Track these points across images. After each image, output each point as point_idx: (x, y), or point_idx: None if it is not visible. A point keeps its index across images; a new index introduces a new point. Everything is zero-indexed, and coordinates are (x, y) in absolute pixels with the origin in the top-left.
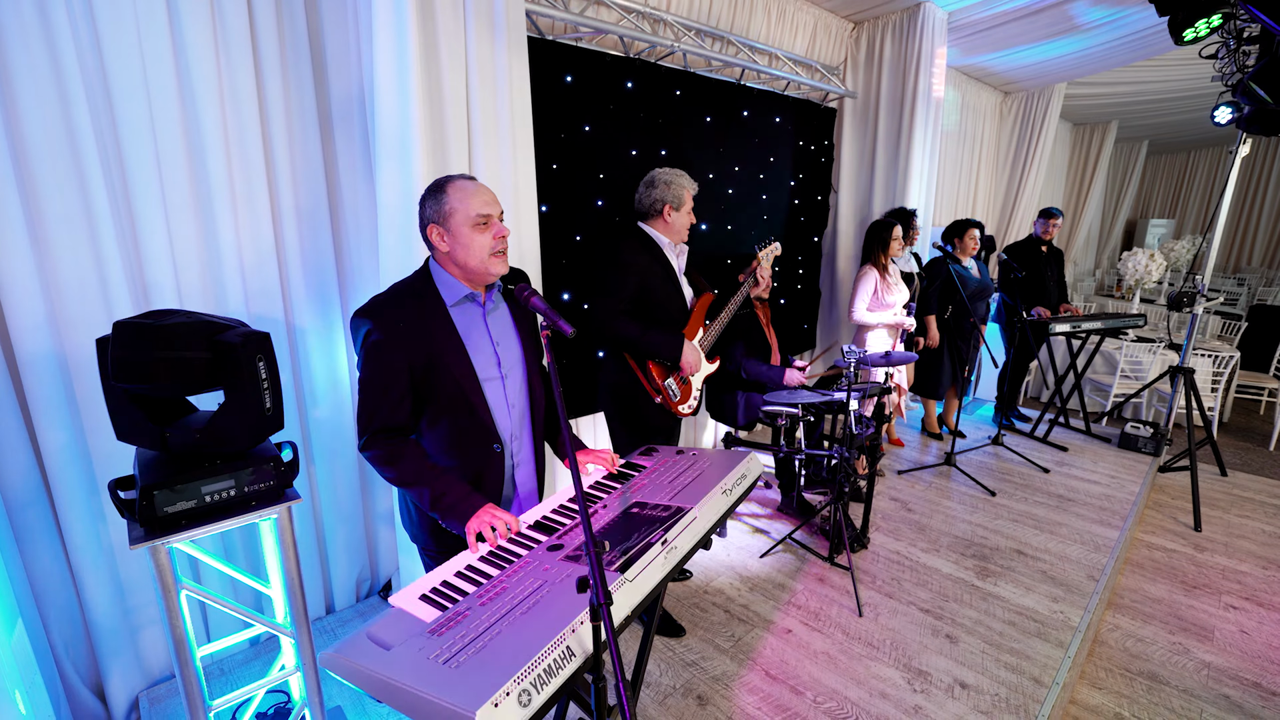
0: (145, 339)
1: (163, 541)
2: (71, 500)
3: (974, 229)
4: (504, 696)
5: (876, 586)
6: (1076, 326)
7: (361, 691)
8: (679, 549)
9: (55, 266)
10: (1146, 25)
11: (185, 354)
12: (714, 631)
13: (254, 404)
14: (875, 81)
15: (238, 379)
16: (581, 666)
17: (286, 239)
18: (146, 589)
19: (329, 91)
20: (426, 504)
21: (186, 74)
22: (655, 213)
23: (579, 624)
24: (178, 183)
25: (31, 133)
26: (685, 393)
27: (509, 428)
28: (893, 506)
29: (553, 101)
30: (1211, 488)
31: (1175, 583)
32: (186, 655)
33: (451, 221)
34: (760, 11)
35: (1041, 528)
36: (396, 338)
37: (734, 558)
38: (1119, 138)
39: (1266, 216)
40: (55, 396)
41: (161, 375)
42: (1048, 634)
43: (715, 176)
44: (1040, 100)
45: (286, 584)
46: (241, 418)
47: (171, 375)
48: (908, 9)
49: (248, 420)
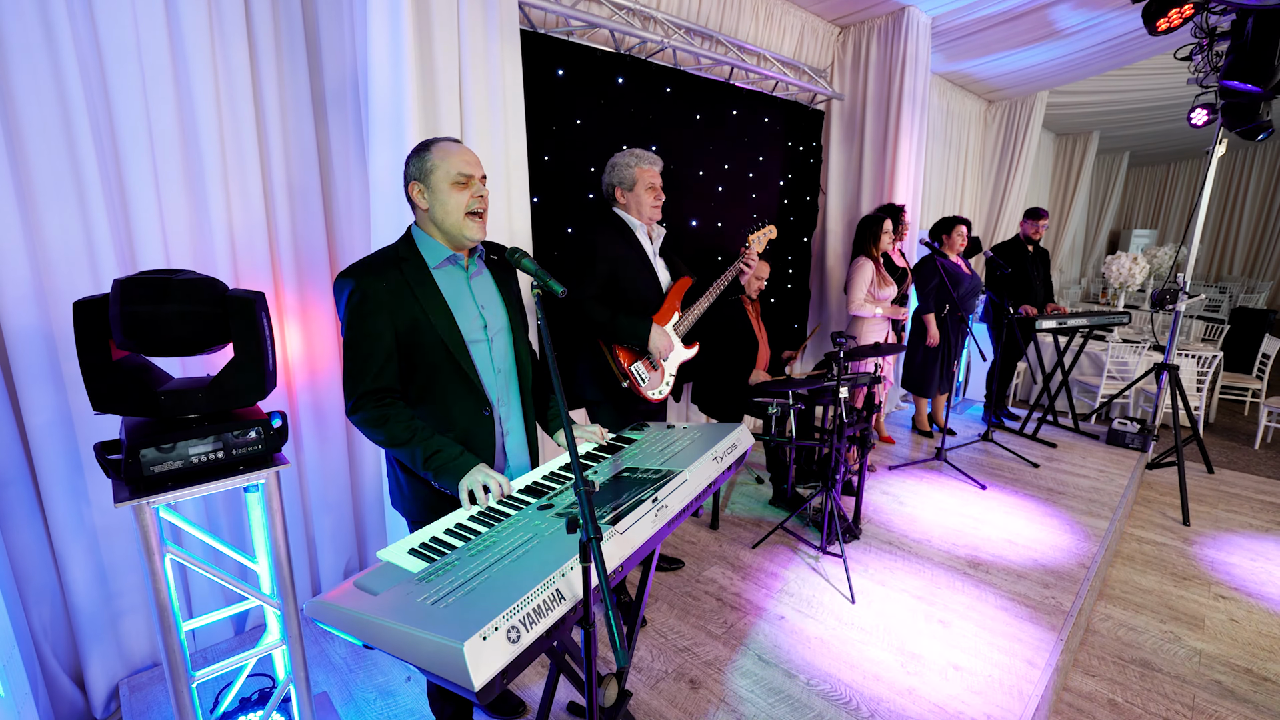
0: (159, 292)
1: (148, 501)
2: (55, 479)
3: (961, 225)
4: (492, 630)
5: (869, 575)
6: (1062, 323)
7: (349, 637)
8: (670, 508)
9: (44, 239)
10: (1125, 30)
11: (198, 308)
12: (706, 618)
13: (261, 359)
14: (862, 84)
15: (249, 333)
16: (571, 611)
17: (278, 217)
18: (130, 573)
19: (323, 74)
20: (419, 463)
21: (181, 52)
22: (611, 197)
23: (569, 569)
24: (170, 158)
25: (24, 105)
26: (655, 378)
27: (496, 392)
28: (885, 499)
29: (545, 94)
30: (1199, 484)
31: (1166, 574)
32: (170, 621)
33: (432, 178)
34: (748, 13)
35: (1032, 519)
36: (380, 298)
37: (725, 549)
38: (1101, 149)
39: (1245, 226)
40: (40, 372)
41: (176, 328)
42: (1040, 618)
43: (705, 174)
44: (1023, 108)
45: (272, 553)
46: (251, 373)
47: (186, 328)
48: (892, 13)
49: (257, 376)
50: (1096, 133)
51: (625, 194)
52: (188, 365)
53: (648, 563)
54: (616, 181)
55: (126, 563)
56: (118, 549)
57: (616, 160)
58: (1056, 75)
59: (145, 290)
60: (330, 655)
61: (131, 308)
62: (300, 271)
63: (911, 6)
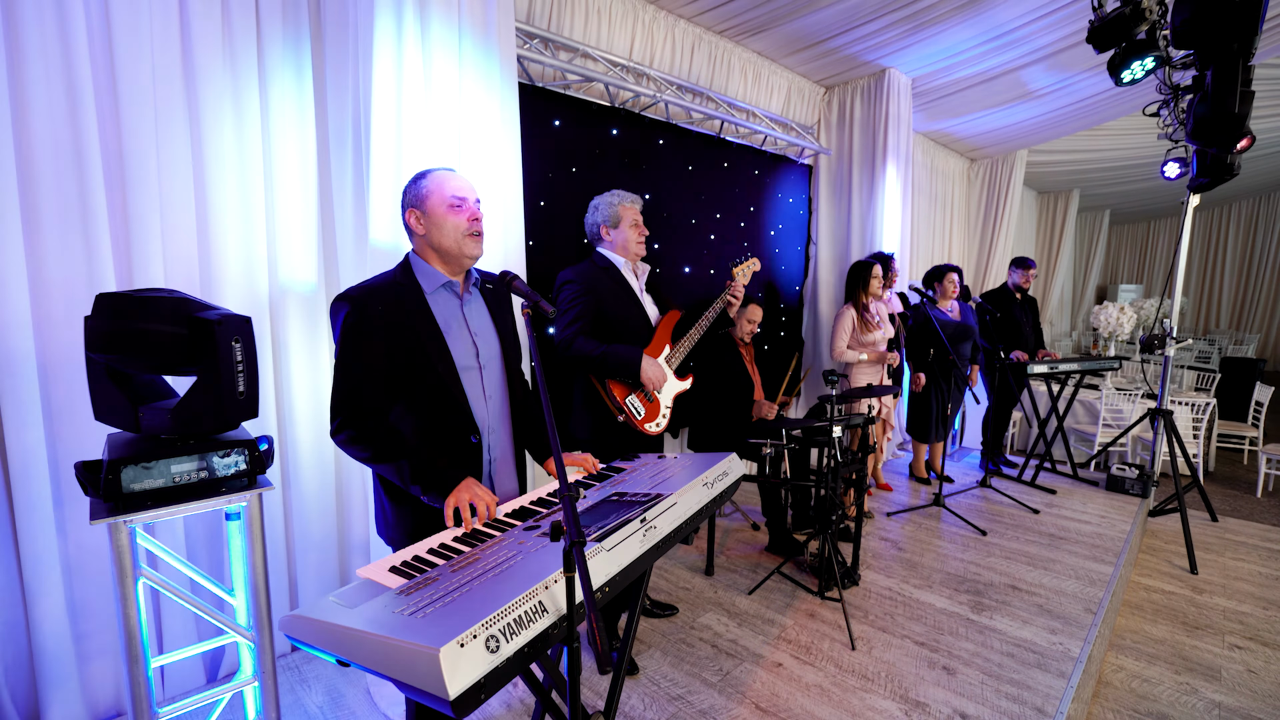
0: (119, 308)
1: (125, 519)
2: (34, 507)
3: (952, 273)
4: (470, 639)
5: (869, 621)
6: (1054, 368)
7: (325, 654)
8: (658, 529)
9: (46, 264)
10: (1095, 91)
11: (156, 327)
12: (701, 665)
13: (226, 386)
14: (848, 140)
15: (212, 359)
16: (554, 624)
17: (278, 251)
18: (101, 612)
19: (327, 118)
20: (407, 477)
21: (194, 91)
22: (598, 236)
23: (553, 581)
24: (177, 191)
25: (39, 135)
26: (651, 411)
27: (486, 420)
28: (883, 546)
29: (542, 143)
30: (1204, 532)
31: (1176, 624)
32: (138, 651)
33: (428, 204)
34: (737, 72)
35: (1035, 564)
36: (374, 320)
37: (721, 595)
38: (1082, 207)
39: (1228, 280)
40: (29, 398)
41: (130, 346)
42: (1048, 664)
43: (697, 222)
44: (1004, 166)
45: (250, 582)
46: (212, 399)
47: (139, 347)
48: (874, 74)
49: (218, 402)
50: (1076, 190)
51: (611, 231)
52: None
53: (636, 592)
54: (602, 220)
55: (99, 601)
56: (90, 585)
57: (599, 201)
58: (1033, 134)
59: (110, 304)
60: (305, 704)
61: (95, 322)
62: (297, 305)
63: (892, 69)
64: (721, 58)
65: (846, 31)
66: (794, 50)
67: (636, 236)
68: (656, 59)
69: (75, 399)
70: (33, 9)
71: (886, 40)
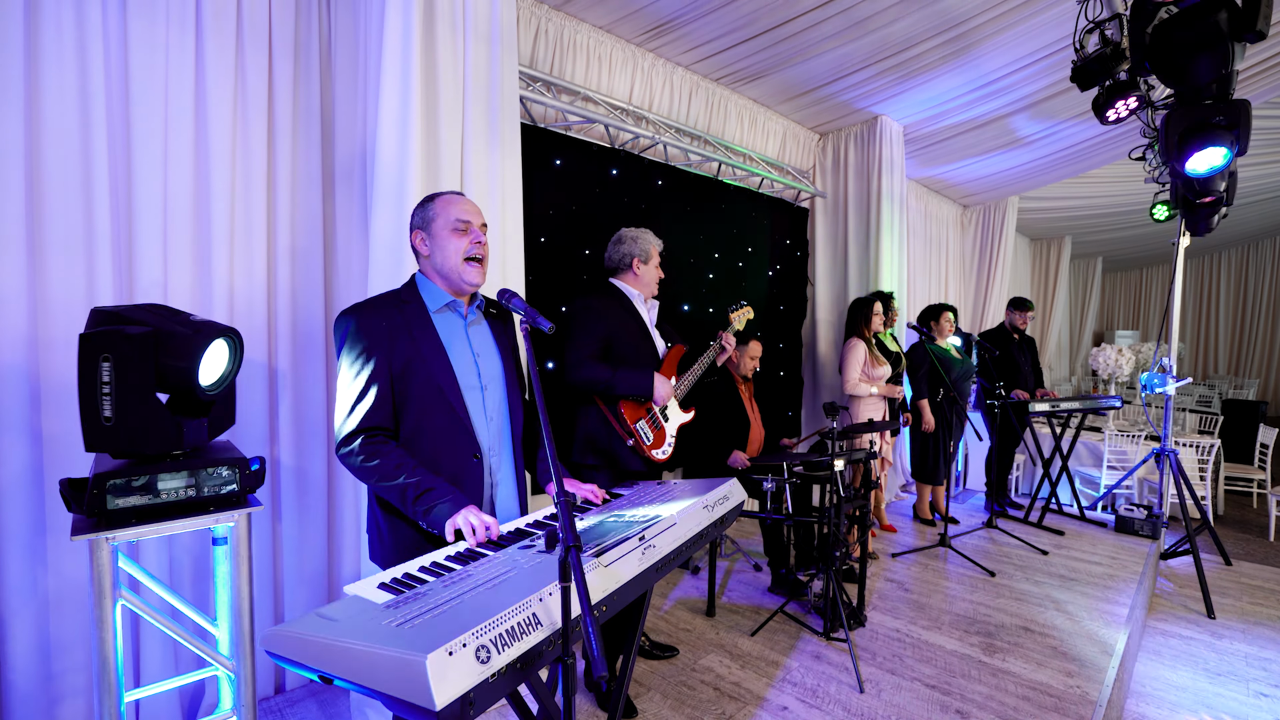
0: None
1: (107, 535)
2: (15, 535)
3: (948, 312)
4: (459, 647)
5: (877, 663)
6: (1055, 406)
7: (307, 673)
8: (658, 548)
9: (48, 283)
10: (1081, 138)
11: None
12: (703, 709)
13: (89, 409)
14: (843, 184)
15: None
16: (549, 639)
17: (279, 282)
18: (77, 651)
19: (334, 151)
20: (409, 502)
21: (204, 122)
22: (625, 267)
23: (548, 594)
24: (181, 218)
25: (50, 153)
26: (659, 438)
27: (487, 440)
28: (889, 587)
29: (543, 181)
30: (1218, 577)
31: (1198, 670)
32: (112, 679)
33: (434, 226)
34: (734, 118)
35: (1046, 606)
36: (378, 337)
37: (723, 636)
38: (1074, 254)
39: (1224, 326)
40: (19, 419)
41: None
42: (1066, 708)
43: (695, 261)
44: (996, 213)
45: (234, 606)
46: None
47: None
48: (866, 121)
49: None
50: (1069, 237)
51: (642, 266)
52: None
53: (634, 626)
54: (637, 253)
55: (75, 639)
56: (67, 622)
57: (635, 234)
58: (1024, 180)
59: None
60: None
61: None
62: (296, 335)
63: (883, 116)
64: (719, 104)
65: (838, 80)
66: (788, 98)
67: (657, 275)
68: (655, 104)
69: (69, 425)
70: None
71: (877, 89)
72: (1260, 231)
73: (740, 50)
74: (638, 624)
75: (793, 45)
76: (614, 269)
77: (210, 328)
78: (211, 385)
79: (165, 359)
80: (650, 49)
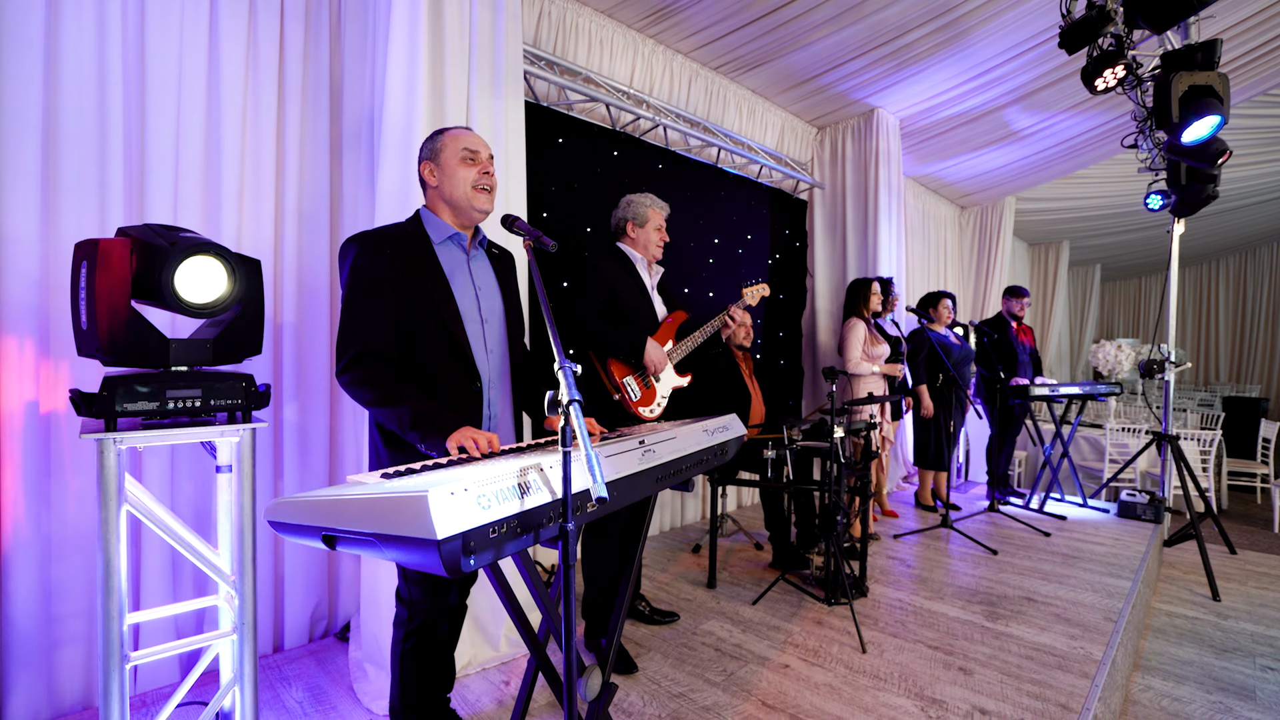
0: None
1: (115, 437)
2: (22, 476)
3: (946, 299)
4: (461, 490)
5: (879, 628)
6: (1055, 390)
7: (308, 540)
8: (657, 454)
9: (60, 234)
10: (1075, 133)
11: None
12: (704, 667)
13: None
14: (841, 176)
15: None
16: (549, 506)
17: (286, 241)
18: (78, 597)
19: (342, 117)
20: (407, 424)
21: (216, 86)
22: (621, 231)
23: (548, 465)
24: (192, 176)
25: (66, 102)
26: (647, 396)
27: (487, 373)
28: (891, 564)
29: (546, 159)
30: (1224, 564)
31: (1204, 646)
32: (115, 582)
33: (442, 156)
34: (733, 107)
35: (1049, 579)
36: (382, 261)
37: (724, 605)
38: (1073, 261)
39: (1223, 333)
40: (30, 360)
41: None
42: (1070, 666)
43: (695, 246)
44: (994, 214)
45: (237, 524)
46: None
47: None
48: (863, 114)
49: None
50: (1066, 242)
51: (636, 229)
52: None
53: (639, 525)
54: (630, 217)
55: (76, 585)
56: (70, 565)
57: (632, 199)
58: (1019, 178)
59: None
60: (285, 700)
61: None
62: (301, 294)
63: (880, 108)
64: (718, 93)
65: (833, 69)
66: (786, 88)
67: (658, 239)
68: (655, 91)
69: (78, 367)
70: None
71: (872, 79)
72: (1258, 237)
73: (737, 37)
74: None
75: (788, 32)
76: (615, 234)
77: (189, 243)
78: (204, 304)
79: (140, 269)
80: (650, 35)
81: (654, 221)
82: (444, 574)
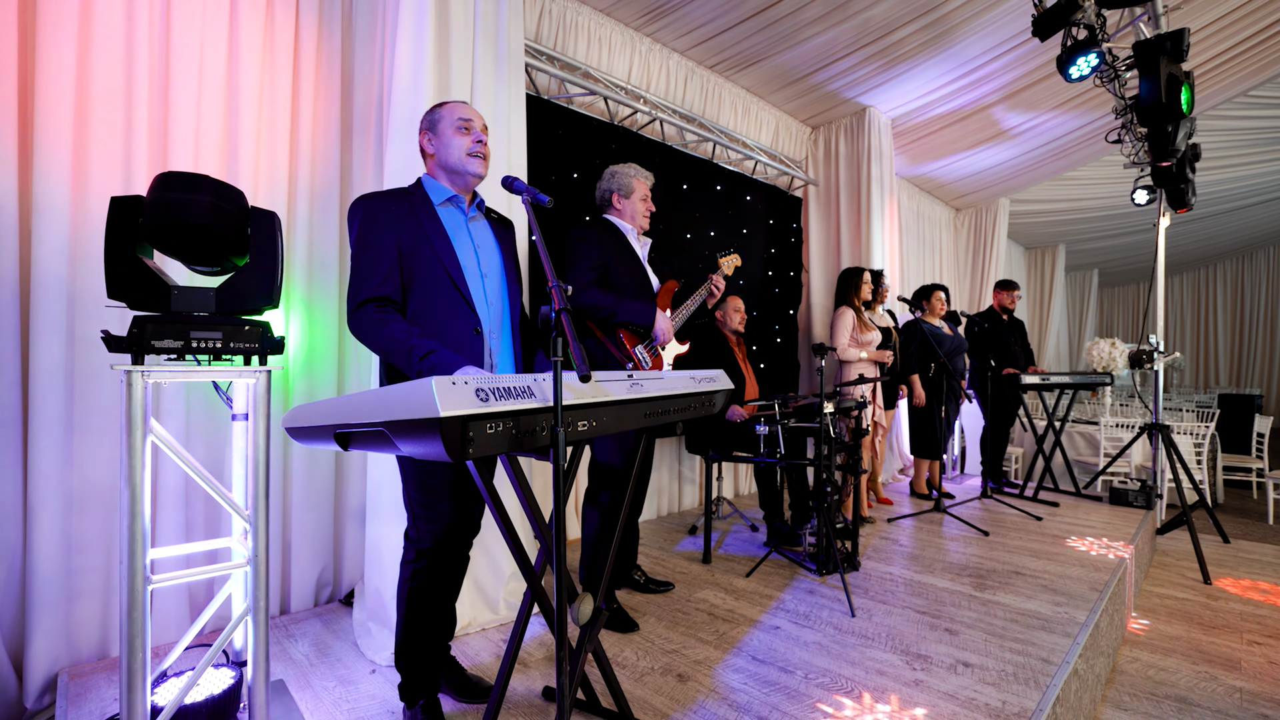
0: (197, 183)
1: (143, 369)
2: (47, 430)
3: (939, 291)
4: (462, 384)
5: (869, 596)
6: (1045, 379)
7: (321, 443)
8: (644, 388)
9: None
10: (1063, 132)
11: (226, 205)
12: (697, 628)
13: (272, 271)
14: (834, 173)
15: (267, 244)
16: (542, 413)
17: (298, 223)
18: (97, 551)
19: (353, 104)
20: (414, 362)
21: (236, 73)
22: (607, 203)
23: (542, 379)
24: (210, 157)
25: (96, 85)
26: (656, 364)
27: (488, 323)
28: (884, 544)
29: (546, 149)
30: (1217, 552)
31: (1192, 624)
32: (140, 507)
33: (439, 126)
34: (728, 105)
35: (1039, 556)
36: (387, 217)
37: (718, 577)
38: (1070, 265)
39: (1223, 338)
40: (56, 318)
41: (206, 216)
42: (1053, 627)
43: (692, 238)
44: (988, 215)
45: (252, 461)
46: (261, 281)
47: (212, 219)
48: (855, 113)
49: (266, 285)
50: (1062, 246)
51: (622, 200)
52: None
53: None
54: (616, 188)
55: (96, 540)
56: (90, 521)
57: (616, 170)
58: (1012, 178)
59: (185, 179)
60: (291, 652)
61: (166, 194)
62: (311, 277)
63: (872, 107)
64: (713, 91)
65: (825, 67)
66: (779, 86)
67: (644, 209)
68: (653, 87)
69: (99, 325)
70: None
71: (863, 77)
72: (1254, 241)
73: (730, 35)
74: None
75: (778, 30)
76: (602, 207)
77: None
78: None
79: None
80: (647, 33)
81: (639, 191)
82: (448, 458)
